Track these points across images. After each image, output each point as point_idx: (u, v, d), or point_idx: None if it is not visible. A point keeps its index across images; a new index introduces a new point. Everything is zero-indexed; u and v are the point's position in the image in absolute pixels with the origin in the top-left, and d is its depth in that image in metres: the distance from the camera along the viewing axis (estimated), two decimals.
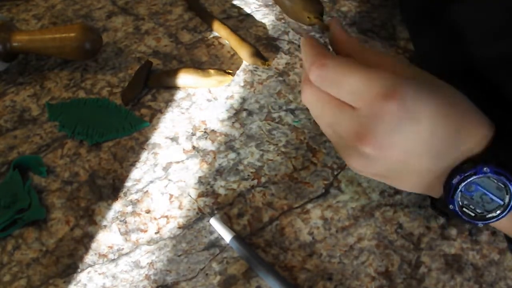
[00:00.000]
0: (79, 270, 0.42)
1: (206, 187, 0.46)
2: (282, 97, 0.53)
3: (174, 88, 0.54)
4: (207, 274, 0.41)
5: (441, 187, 0.35)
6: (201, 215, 0.45)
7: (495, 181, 0.33)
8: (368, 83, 0.32)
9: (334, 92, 0.34)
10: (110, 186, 0.47)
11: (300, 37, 0.58)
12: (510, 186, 0.33)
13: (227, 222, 0.44)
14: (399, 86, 0.31)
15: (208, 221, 0.44)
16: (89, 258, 0.43)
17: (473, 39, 0.44)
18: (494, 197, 0.33)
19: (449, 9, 0.47)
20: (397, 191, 0.45)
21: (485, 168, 0.32)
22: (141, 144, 0.50)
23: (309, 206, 0.45)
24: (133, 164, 0.48)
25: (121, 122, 0.51)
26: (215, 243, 0.43)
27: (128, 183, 0.47)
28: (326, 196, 0.45)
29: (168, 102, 0.53)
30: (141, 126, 0.51)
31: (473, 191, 0.34)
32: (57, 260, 0.43)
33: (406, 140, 0.32)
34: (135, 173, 0.48)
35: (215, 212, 0.45)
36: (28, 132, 0.51)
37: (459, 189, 0.33)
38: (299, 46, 0.57)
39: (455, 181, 0.33)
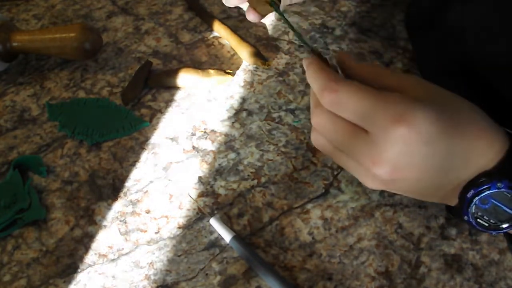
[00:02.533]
0: (79, 270, 0.42)
1: (206, 187, 0.46)
2: (282, 97, 0.53)
3: (174, 88, 0.54)
4: (207, 274, 0.41)
5: (456, 198, 0.35)
6: (201, 215, 0.45)
7: (509, 195, 0.33)
8: (380, 108, 0.32)
9: (347, 116, 0.34)
10: (110, 186, 0.47)
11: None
12: None
13: (227, 222, 0.44)
14: (411, 110, 0.32)
15: (208, 221, 0.44)
16: (89, 258, 0.43)
17: (473, 41, 0.44)
18: (507, 209, 0.34)
19: (449, 10, 0.47)
20: None
21: (499, 184, 0.33)
22: (141, 144, 0.50)
23: (309, 206, 0.45)
24: (133, 164, 0.48)
25: (121, 122, 0.51)
26: (215, 243, 0.43)
27: (128, 183, 0.47)
28: (326, 196, 0.45)
29: (168, 102, 0.53)
30: (141, 126, 0.51)
31: (487, 203, 0.34)
32: (57, 260, 0.43)
33: (421, 161, 0.33)
34: (135, 173, 0.48)
35: (215, 212, 0.45)
36: (28, 132, 0.51)
37: (473, 202, 0.34)
38: (299, 46, 0.57)
39: (469, 195, 0.34)
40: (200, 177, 0.47)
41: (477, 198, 0.34)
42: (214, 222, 0.43)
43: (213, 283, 0.41)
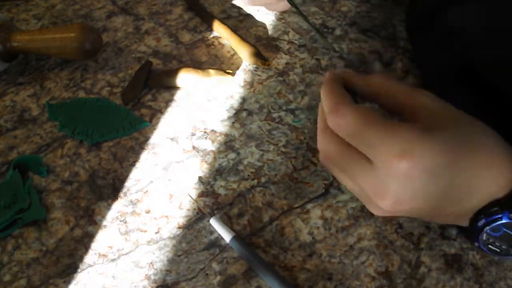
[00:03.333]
0: (79, 270, 0.42)
1: (206, 187, 0.46)
2: (282, 97, 0.53)
3: (174, 88, 0.54)
4: (207, 274, 0.41)
5: (467, 221, 0.35)
6: (201, 215, 0.45)
7: None
8: (385, 141, 0.32)
9: (352, 143, 0.34)
10: (110, 186, 0.47)
11: (300, 37, 0.58)
12: None
13: (227, 222, 0.44)
14: (417, 145, 0.31)
15: (208, 221, 0.44)
16: (89, 258, 0.43)
17: (473, 41, 0.44)
18: None
19: (449, 10, 0.46)
20: None
21: (511, 215, 0.32)
22: (141, 144, 0.50)
23: (309, 206, 0.45)
24: (133, 164, 0.48)
25: (121, 122, 0.51)
26: (215, 243, 0.43)
27: (128, 183, 0.47)
28: (326, 196, 0.45)
29: (168, 102, 0.53)
30: (141, 126, 0.51)
31: (499, 232, 0.33)
32: (57, 260, 0.43)
33: (425, 193, 0.32)
34: (135, 173, 0.48)
35: (215, 212, 0.45)
36: (28, 132, 0.51)
37: (484, 231, 0.33)
38: (299, 46, 0.57)
39: (480, 224, 0.33)
40: (200, 177, 0.47)
41: (488, 227, 0.33)
42: (214, 222, 0.43)
43: (213, 283, 0.41)
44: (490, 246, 0.35)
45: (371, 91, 0.36)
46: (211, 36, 0.59)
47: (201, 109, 0.52)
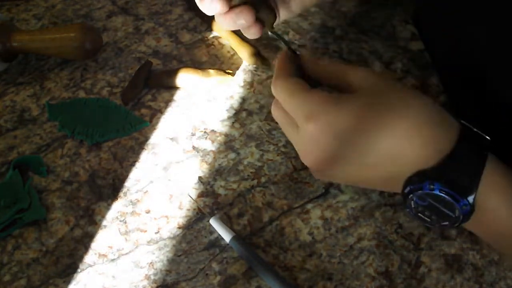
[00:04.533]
0: (79, 270, 0.42)
1: (206, 187, 0.46)
2: None
3: (174, 88, 0.54)
4: (207, 274, 0.41)
5: (399, 188, 0.36)
6: (201, 215, 0.45)
7: (443, 198, 0.33)
8: (301, 106, 0.35)
9: (286, 108, 0.37)
10: (110, 186, 0.47)
11: (300, 37, 0.58)
12: (457, 206, 0.33)
13: (227, 222, 0.44)
14: (322, 110, 0.34)
15: (208, 221, 0.44)
16: (89, 258, 0.43)
17: (492, 75, 0.43)
18: (444, 210, 0.34)
19: (466, 31, 0.45)
20: None
21: (431, 186, 0.33)
22: (141, 144, 0.50)
23: (309, 206, 0.45)
24: (133, 164, 0.48)
25: (121, 122, 0.51)
26: (215, 243, 0.43)
27: (128, 183, 0.47)
28: (326, 196, 0.45)
29: (168, 102, 0.53)
30: (141, 126, 0.51)
31: (425, 201, 0.34)
32: (57, 260, 0.43)
33: (335, 155, 0.35)
34: (135, 173, 0.48)
35: (215, 212, 0.45)
36: (28, 132, 0.51)
37: (410, 199, 0.34)
38: (299, 46, 0.57)
39: (406, 190, 0.35)
40: (200, 177, 0.47)
41: (413, 195, 0.34)
42: (214, 222, 0.43)
43: (213, 283, 0.41)
44: (419, 214, 0.35)
45: (319, 72, 0.39)
46: (211, 36, 0.59)
47: (201, 109, 0.52)
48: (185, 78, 0.53)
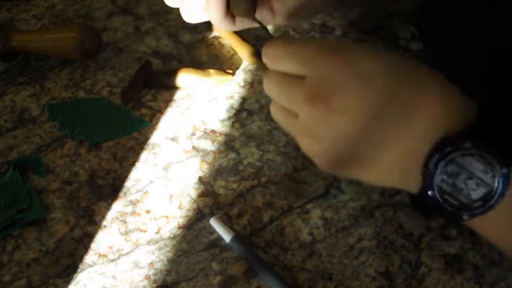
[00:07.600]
0: (79, 270, 0.42)
1: (206, 187, 0.46)
2: None
3: (174, 88, 0.54)
4: (207, 274, 0.41)
5: (419, 173, 0.30)
6: (201, 215, 0.45)
7: (481, 161, 0.28)
8: (316, 47, 0.32)
9: (285, 67, 0.34)
10: (110, 186, 0.47)
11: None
12: (497, 166, 0.28)
13: (227, 222, 0.44)
14: (350, 45, 0.32)
15: (208, 221, 0.44)
16: (89, 258, 0.42)
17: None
18: (481, 176, 0.29)
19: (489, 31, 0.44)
20: (397, 191, 0.45)
21: (466, 144, 0.28)
22: (141, 144, 0.50)
23: (309, 206, 0.45)
24: (133, 164, 0.48)
25: (121, 122, 0.51)
26: (215, 243, 0.43)
27: (128, 183, 0.47)
28: (326, 196, 0.45)
29: (168, 102, 0.53)
30: (141, 126, 0.51)
31: (456, 174, 0.29)
32: (57, 260, 0.42)
33: (359, 100, 0.30)
34: (135, 173, 0.48)
35: (215, 212, 0.45)
36: (28, 132, 0.51)
37: (438, 170, 0.29)
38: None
39: (433, 160, 0.29)
40: (200, 177, 0.47)
41: (442, 162, 0.29)
42: (214, 222, 0.43)
43: (213, 283, 0.41)
44: (446, 196, 0.30)
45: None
46: (211, 36, 0.59)
47: (201, 109, 0.52)
48: (185, 78, 0.53)
